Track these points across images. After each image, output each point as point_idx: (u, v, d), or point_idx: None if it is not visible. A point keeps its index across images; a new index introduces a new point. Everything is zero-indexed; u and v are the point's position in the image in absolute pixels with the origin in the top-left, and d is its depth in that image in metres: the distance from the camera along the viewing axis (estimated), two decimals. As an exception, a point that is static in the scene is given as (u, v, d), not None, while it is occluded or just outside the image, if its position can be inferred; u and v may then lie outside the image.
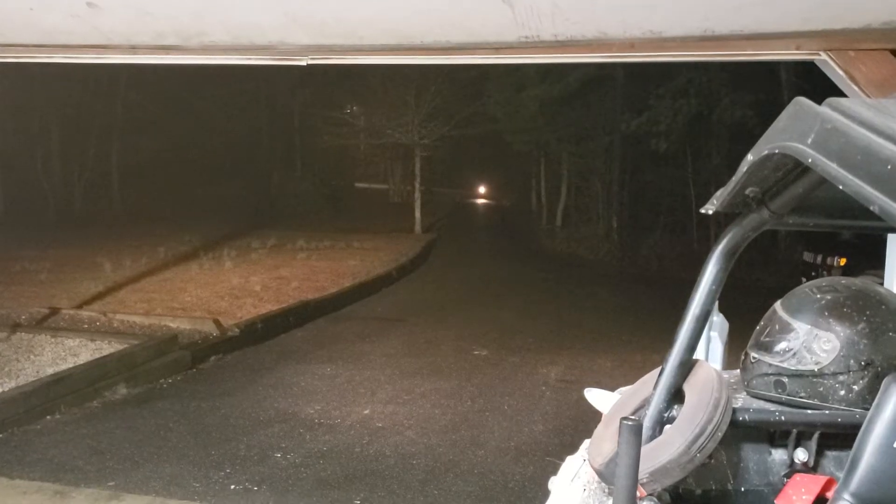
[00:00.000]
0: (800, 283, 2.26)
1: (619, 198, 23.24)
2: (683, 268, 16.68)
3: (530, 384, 7.87)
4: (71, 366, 7.15)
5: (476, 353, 9.15)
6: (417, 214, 22.99)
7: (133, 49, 4.50)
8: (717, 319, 3.63)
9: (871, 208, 1.14)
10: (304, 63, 4.58)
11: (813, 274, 11.76)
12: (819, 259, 12.66)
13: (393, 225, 22.81)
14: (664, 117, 18.49)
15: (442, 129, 23.73)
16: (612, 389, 2.73)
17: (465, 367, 8.44)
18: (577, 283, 16.15)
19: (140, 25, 4.16)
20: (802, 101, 1.45)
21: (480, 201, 36.43)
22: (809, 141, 1.34)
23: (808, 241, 13.91)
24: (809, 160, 1.33)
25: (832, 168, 1.26)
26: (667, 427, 2.03)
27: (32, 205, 20.74)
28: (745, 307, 3.83)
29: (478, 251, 22.59)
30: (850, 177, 1.20)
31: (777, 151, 1.48)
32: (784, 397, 2.04)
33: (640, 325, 10.91)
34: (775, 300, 2.19)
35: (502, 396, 7.41)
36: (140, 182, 24.38)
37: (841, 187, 1.22)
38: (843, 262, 11.91)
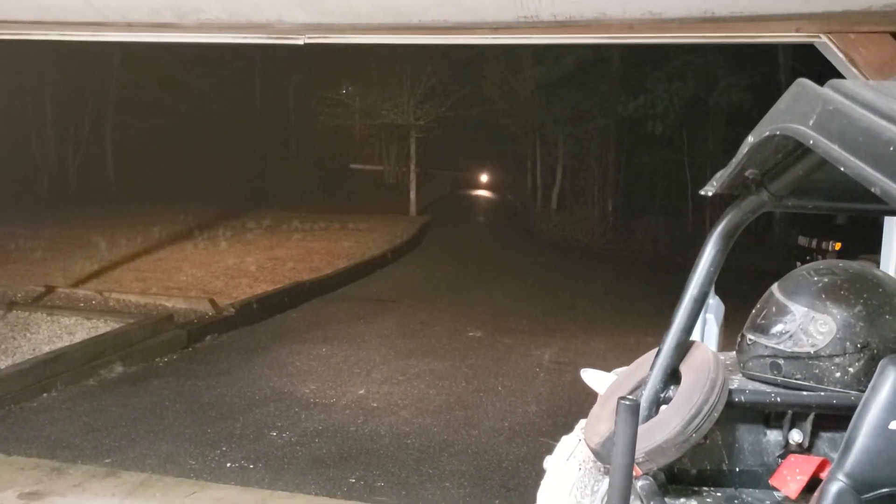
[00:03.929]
0: (794, 267, 2.27)
1: (615, 181, 23.22)
2: (678, 251, 16.72)
3: (524, 366, 7.90)
4: (67, 344, 7.15)
5: (470, 334, 9.18)
6: (412, 196, 22.93)
7: (129, 26, 4.47)
8: (713, 302, 3.63)
9: (873, 190, 1.14)
10: (301, 42, 4.55)
11: (808, 258, 11.79)
12: (814, 243, 12.69)
13: (388, 206, 22.76)
14: (661, 100, 18.44)
15: (437, 110, 23.62)
16: (607, 371, 2.74)
17: (460, 349, 8.46)
18: (572, 266, 16.18)
19: (136, 2, 4.13)
20: (805, 82, 1.45)
21: (475, 184, 36.35)
22: (811, 122, 1.34)
23: (802, 226, 13.94)
24: (811, 142, 1.33)
25: (833, 150, 1.26)
26: (663, 407, 2.04)
27: (27, 183, 20.64)
28: (739, 291, 3.85)
29: (472, 234, 22.59)
30: (852, 158, 1.20)
31: (778, 133, 1.48)
32: (780, 379, 2.06)
33: (633, 308, 10.94)
34: (769, 285, 2.20)
35: (496, 378, 7.44)
36: (135, 161, 24.27)
37: (842, 169, 1.23)
38: (837, 246, 11.94)
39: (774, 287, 2.14)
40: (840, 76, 3.32)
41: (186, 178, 24.02)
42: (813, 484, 1.80)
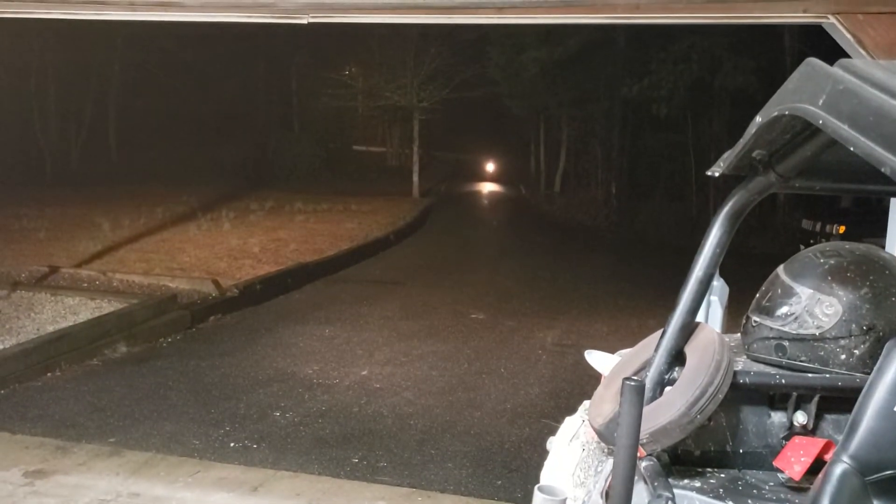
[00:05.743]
0: (798, 251, 2.26)
1: (619, 163, 23.12)
2: (681, 234, 16.69)
3: (527, 348, 7.91)
4: (71, 324, 7.17)
5: (473, 316, 9.18)
6: (415, 178, 22.86)
7: (132, 5, 4.45)
8: (718, 283, 3.63)
9: (883, 170, 1.13)
10: (304, 21, 4.52)
11: (811, 241, 11.72)
12: (818, 226, 12.66)
13: (391, 188, 22.71)
14: (665, 82, 18.31)
15: (441, 92, 23.50)
16: (611, 353, 2.74)
17: (462, 331, 8.48)
18: (575, 249, 16.17)
19: (139, -20, 4.10)
20: (814, 62, 1.44)
21: (478, 166, 36.11)
22: (820, 102, 1.33)
23: (806, 209, 13.90)
24: (820, 122, 1.32)
25: (843, 130, 1.25)
26: (667, 388, 2.04)
27: (29, 163, 20.61)
28: (743, 274, 3.84)
29: (475, 216, 22.58)
30: (862, 138, 1.19)
31: (787, 113, 1.47)
32: (784, 361, 2.05)
33: (636, 291, 10.93)
34: (773, 268, 2.19)
35: (499, 359, 7.45)
36: (138, 142, 24.22)
37: (852, 149, 1.22)
38: (842, 229, 11.90)
39: (780, 269, 2.13)
40: (847, 58, 3.29)
41: (189, 159, 23.95)
42: (817, 466, 1.80)
